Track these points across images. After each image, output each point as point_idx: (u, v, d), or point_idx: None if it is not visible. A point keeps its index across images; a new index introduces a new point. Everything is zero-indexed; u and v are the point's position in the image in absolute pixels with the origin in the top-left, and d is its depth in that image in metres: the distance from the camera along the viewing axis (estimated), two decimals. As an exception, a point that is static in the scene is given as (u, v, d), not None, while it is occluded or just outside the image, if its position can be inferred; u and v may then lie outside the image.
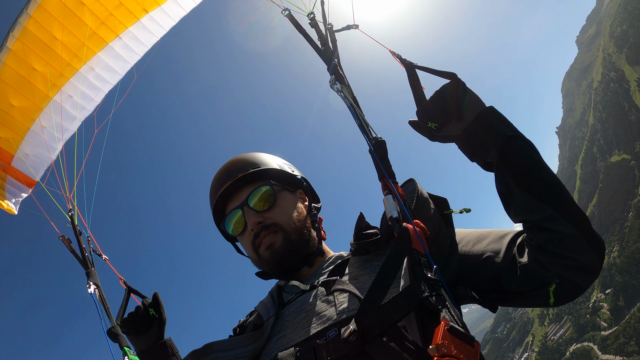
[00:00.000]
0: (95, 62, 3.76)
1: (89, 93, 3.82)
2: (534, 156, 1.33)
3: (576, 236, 1.27)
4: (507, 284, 1.37)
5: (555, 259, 1.28)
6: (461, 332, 0.95)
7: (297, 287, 1.58)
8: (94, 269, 2.80)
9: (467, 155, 1.46)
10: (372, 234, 1.59)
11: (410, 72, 1.53)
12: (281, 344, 1.41)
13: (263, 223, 1.64)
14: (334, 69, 1.45)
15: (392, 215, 1.16)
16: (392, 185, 1.21)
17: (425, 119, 1.45)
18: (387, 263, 1.10)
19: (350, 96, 1.38)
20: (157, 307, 2.32)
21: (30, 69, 3.55)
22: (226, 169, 1.78)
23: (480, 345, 0.99)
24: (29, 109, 3.68)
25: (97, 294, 2.58)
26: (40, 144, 3.79)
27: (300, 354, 1.24)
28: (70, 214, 3.22)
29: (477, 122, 1.38)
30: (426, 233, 1.16)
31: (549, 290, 1.31)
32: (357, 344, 1.11)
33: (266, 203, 1.68)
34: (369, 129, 1.33)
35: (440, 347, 0.90)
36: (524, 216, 1.33)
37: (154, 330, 2.25)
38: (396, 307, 1.05)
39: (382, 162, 1.26)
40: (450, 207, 1.44)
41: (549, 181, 1.31)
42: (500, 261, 1.39)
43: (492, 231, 1.50)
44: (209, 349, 1.42)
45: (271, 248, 1.62)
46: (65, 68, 3.63)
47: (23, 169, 3.83)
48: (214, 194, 1.78)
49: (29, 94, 3.60)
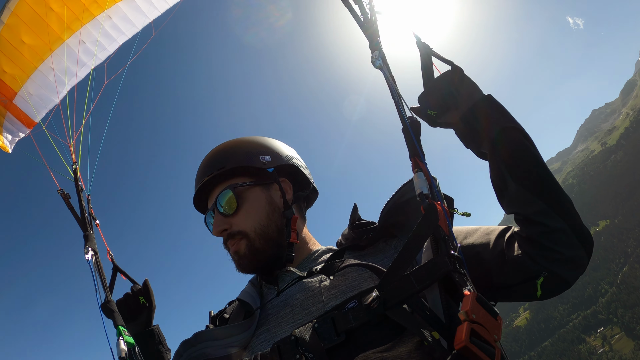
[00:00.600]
0: (113, 11, 3.69)
1: (103, 42, 3.76)
2: (529, 148, 1.33)
3: (566, 231, 1.28)
4: (496, 278, 1.38)
5: (545, 252, 1.30)
6: (488, 303, 0.98)
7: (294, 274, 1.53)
8: (93, 233, 2.56)
9: (463, 143, 1.47)
10: (367, 223, 1.60)
11: (424, 56, 1.49)
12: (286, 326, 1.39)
13: (229, 230, 1.61)
14: (376, 45, 1.46)
15: (422, 191, 1.17)
16: (424, 163, 1.23)
17: (426, 106, 1.46)
18: (414, 236, 1.11)
19: (389, 74, 1.39)
20: (148, 295, 2.30)
21: (47, 8, 3.47)
22: (202, 165, 1.73)
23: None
24: (40, 48, 3.60)
25: (93, 261, 2.35)
26: (46, 85, 3.71)
27: (319, 324, 1.22)
28: (74, 167, 3.04)
29: (473, 111, 1.38)
30: (449, 215, 1.18)
31: (536, 284, 1.32)
32: (380, 310, 1.12)
33: (231, 208, 1.62)
34: (405, 107, 1.35)
35: (470, 313, 0.93)
36: (516, 208, 1.34)
37: (142, 318, 2.24)
38: (418, 278, 1.07)
39: (417, 141, 1.27)
40: (455, 207, 1.44)
41: (543, 175, 1.30)
42: (489, 256, 1.40)
43: (480, 227, 1.51)
44: (199, 338, 1.40)
45: (237, 254, 1.60)
46: (83, 12, 3.56)
47: (24, 108, 3.75)
48: (194, 190, 1.73)
49: (42, 33, 3.52)
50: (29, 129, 3.89)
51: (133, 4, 3.69)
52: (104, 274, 2.29)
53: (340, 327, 1.19)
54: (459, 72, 1.41)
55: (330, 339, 1.19)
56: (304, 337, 1.22)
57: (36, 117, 3.80)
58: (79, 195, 2.78)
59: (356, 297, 1.22)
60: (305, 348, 1.19)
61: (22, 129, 3.89)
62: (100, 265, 2.33)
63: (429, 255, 1.13)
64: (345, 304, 1.23)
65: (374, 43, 1.46)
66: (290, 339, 1.24)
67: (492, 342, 0.95)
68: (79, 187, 2.84)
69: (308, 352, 1.19)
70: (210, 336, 1.41)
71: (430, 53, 1.49)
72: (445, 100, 1.42)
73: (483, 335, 0.94)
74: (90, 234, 2.54)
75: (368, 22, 1.53)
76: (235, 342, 1.42)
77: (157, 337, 2.20)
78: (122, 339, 1.83)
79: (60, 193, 2.83)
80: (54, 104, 3.78)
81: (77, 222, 2.63)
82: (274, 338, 1.36)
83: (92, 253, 2.38)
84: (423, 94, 1.47)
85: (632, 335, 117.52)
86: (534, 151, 1.33)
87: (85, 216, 2.66)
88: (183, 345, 1.39)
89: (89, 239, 2.49)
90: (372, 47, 1.46)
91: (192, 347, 1.38)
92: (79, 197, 2.77)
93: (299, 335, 1.23)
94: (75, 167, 3.04)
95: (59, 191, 2.86)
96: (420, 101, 1.48)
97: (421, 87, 1.48)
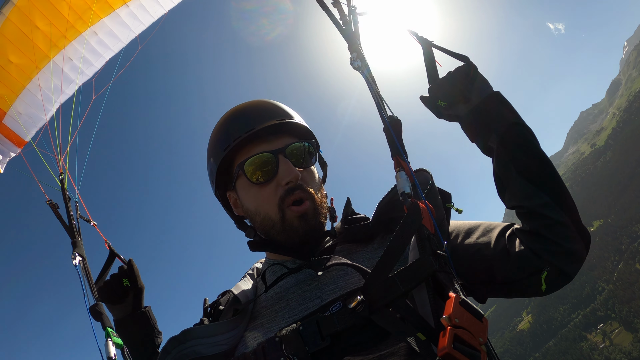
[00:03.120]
0: (99, 27, 3.71)
1: (90, 58, 3.77)
2: (535, 144, 1.38)
3: (568, 224, 1.31)
4: (499, 274, 1.39)
5: (548, 246, 1.31)
6: (472, 306, 0.96)
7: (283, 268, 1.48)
8: (81, 239, 2.66)
9: (469, 137, 1.50)
10: (360, 218, 1.59)
11: (426, 50, 1.57)
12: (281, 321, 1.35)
13: (299, 182, 1.42)
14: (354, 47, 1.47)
15: (404, 190, 1.16)
16: (406, 162, 1.23)
17: (436, 97, 1.50)
18: (396, 236, 1.10)
19: (369, 75, 1.40)
20: (132, 276, 2.24)
21: (33, 27, 3.49)
22: (259, 107, 1.51)
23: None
24: (27, 67, 3.61)
25: (81, 266, 2.44)
26: (34, 104, 3.72)
27: (303, 327, 1.18)
28: (60, 178, 3.12)
29: (483, 106, 1.43)
30: (434, 213, 1.17)
31: (540, 278, 1.33)
32: (364, 313, 1.10)
33: (303, 162, 1.47)
34: (385, 107, 1.35)
35: (453, 317, 0.91)
36: (519, 201, 1.37)
37: (129, 300, 2.20)
38: (403, 280, 1.06)
39: (397, 140, 1.27)
40: (451, 202, 1.46)
41: (547, 170, 1.35)
42: (492, 252, 1.40)
43: (482, 223, 1.52)
44: (187, 335, 1.34)
45: (304, 218, 1.40)
46: (69, 30, 3.58)
47: (14, 128, 3.75)
48: (238, 126, 1.47)
49: (29, 52, 3.54)
50: (20, 148, 3.89)
51: (118, 19, 3.70)
52: (92, 279, 2.35)
53: (325, 331, 1.16)
54: (474, 68, 1.47)
55: (315, 342, 1.15)
56: (288, 339, 1.19)
57: (26, 136, 3.80)
58: (67, 204, 2.87)
59: (341, 299, 1.21)
60: (290, 351, 1.16)
61: (12, 149, 3.88)
62: (88, 270, 2.41)
63: (415, 254, 1.12)
64: (329, 306, 1.22)
65: (353, 44, 1.48)
66: (275, 340, 1.20)
67: (477, 346, 0.93)
68: (67, 196, 2.93)
69: (293, 356, 1.15)
70: (199, 333, 1.35)
71: (432, 46, 1.57)
72: (457, 93, 1.47)
73: (467, 339, 0.92)
74: (77, 240, 2.64)
75: (346, 23, 1.55)
76: (225, 339, 1.37)
77: (147, 319, 2.16)
78: (111, 339, 1.90)
79: (49, 204, 2.93)
80: (44, 122, 3.78)
81: (65, 230, 2.71)
82: (268, 334, 1.32)
83: (80, 259, 2.47)
84: (435, 85, 1.52)
85: (631, 329, 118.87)
86: (539, 147, 1.38)
87: (72, 224, 2.75)
88: (171, 342, 1.33)
89: (76, 246, 2.58)
90: (351, 48, 1.47)
91: (181, 345, 1.32)
92: (67, 205, 2.86)
93: (283, 337, 1.20)
94: (62, 177, 3.13)
95: (47, 202, 2.96)
96: (431, 92, 1.53)
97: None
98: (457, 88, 1.46)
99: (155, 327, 2.20)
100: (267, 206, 1.42)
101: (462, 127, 1.50)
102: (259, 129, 1.43)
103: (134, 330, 2.15)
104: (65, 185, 3.04)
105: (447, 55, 1.59)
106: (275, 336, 1.22)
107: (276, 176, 1.41)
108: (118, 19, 3.72)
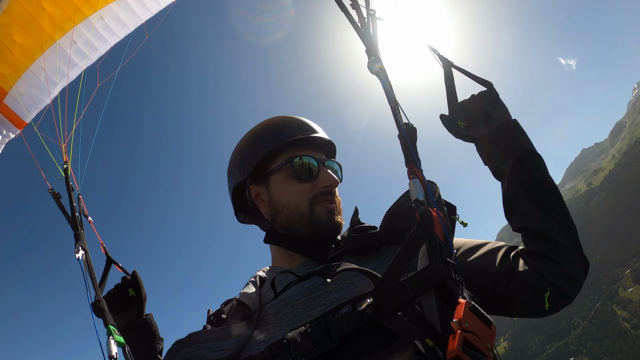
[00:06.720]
0: (105, 12, 3.67)
1: (95, 42, 3.73)
2: (545, 172, 1.47)
3: (572, 249, 1.38)
4: (503, 292, 1.42)
5: (551, 267, 1.36)
6: (481, 312, 0.98)
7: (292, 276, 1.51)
8: (83, 232, 2.57)
9: (482, 159, 1.59)
10: (368, 227, 1.62)
11: (447, 70, 1.64)
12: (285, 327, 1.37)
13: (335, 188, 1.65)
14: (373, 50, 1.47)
15: (417, 197, 1.17)
16: (420, 170, 1.24)
17: (457, 117, 1.59)
18: (408, 242, 1.12)
19: (386, 79, 1.41)
20: (137, 286, 2.25)
21: (39, 8, 3.44)
22: (306, 121, 1.73)
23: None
24: (31, 48, 3.57)
25: (84, 260, 2.35)
26: (36, 85, 3.68)
27: (312, 329, 1.20)
28: (65, 167, 3.03)
29: (501, 131, 1.53)
30: (445, 222, 1.19)
31: (544, 297, 1.37)
32: (374, 316, 1.12)
33: (338, 178, 1.68)
34: (401, 113, 1.36)
35: (463, 322, 0.93)
36: (527, 223, 1.43)
37: (133, 309, 2.21)
38: (413, 285, 1.07)
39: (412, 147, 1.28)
40: (457, 214, 1.48)
41: (555, 196, 1.44)
42: (497, 270, 1.44)
43: (488, 242, 1.56)
44: (193, 339, 1.36)
45: (331, 213, 1.59)
46: (75, 12, 3.54)
47: (15, 108, 3.71)
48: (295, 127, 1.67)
49: (34, 33, 3.49)
50: (20, 130, 3.85)
51: (125, 5, 3.67)
52: (94, 273, 2.29)
53: (333, 333, 1.17)
54: (496, 95, 1.57)
55: (323, 344, 1.17)
56: (296, 341, 1.20)
57: (27, 117, 3.76)
58: (70, 195, 2.77)
59: (350, 303, 1.22)
60: (298, 352, 1.18)
61: (12, 129, 3.84)
62: (90, 264, 2.33)
63: (424, 262, 1.13)
64: (339, 309, 1.23)
65: (371, 48, 1.48)
66: (283, 342, 1.22)
67: (485, 351, 0.95)
68: (70, 186, 2.83)
69: (300, 357, 1.17)
70: (205, 337, 1.38)
71: (453, 67, 1.65)
72: (479, 116, 1.56)
73: (476, 344, 0.94)
74: (80, 233, 2.55)
75: (364, 26, 1.55)
76: (230, 344, 1.39)
77: (150, 327, 2.17)
78: (112, 338, 1.86)
79: (51, 193, 2.83)
80: (45, 104, 3.74)
81: (67, 222, 2.62)
82: (273, 339, 1.34)
83: (83, 252, 2.39)
84: (458, 105, 1.60)
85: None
86: (550, 176, 1.47)
87: (76, 216, 2.65)
88: (176, 345, 1.36)
89: (79, 238, 2.50)
90: (369, 52, 1.48)
91: (186, 348, 1.34)
92: (70, 196, 2.76)
93: (292, 339, 1.21)
94: (66, 166, 3.03)
95: (49, 191, 2.85)
96: (453, 112, 1.61)
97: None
98: (480, 111, 1.55)
99: (156, 333, 2.21)
100: (299, 200, 1.58)
101: (478, 149, 1.59)
102: (313, 136, 1.67)
103: (136, 337, 2.16)
104: (68, 175, 2.94)
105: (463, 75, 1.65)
106: (284, 338, 1.23)
107: (315, 179, 1.61)
108: (125, 4, 3.69)
